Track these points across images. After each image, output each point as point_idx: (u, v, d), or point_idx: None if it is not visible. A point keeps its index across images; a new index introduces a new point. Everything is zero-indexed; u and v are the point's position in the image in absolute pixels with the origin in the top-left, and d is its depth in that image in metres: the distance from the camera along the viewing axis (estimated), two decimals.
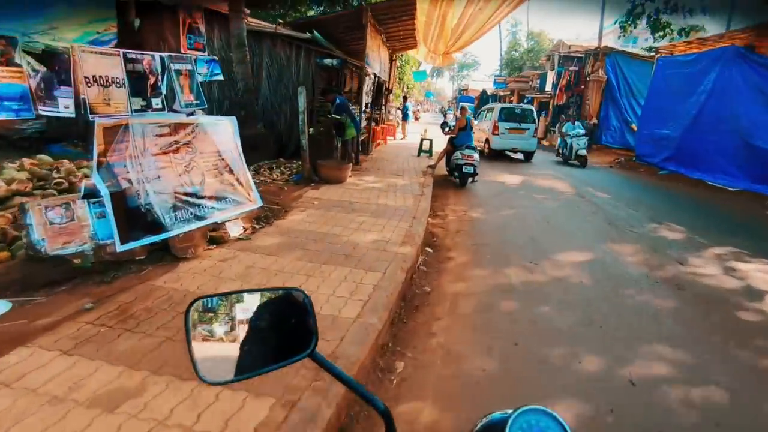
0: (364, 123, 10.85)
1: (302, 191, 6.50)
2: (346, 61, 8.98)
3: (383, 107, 16.25)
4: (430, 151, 11.96)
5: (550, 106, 23.29)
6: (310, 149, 7.28)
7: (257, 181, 6.89)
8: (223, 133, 4.38)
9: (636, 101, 17.41)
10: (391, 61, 16.06)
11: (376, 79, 12.22)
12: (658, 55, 15.01)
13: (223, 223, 4.12)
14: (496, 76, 34.73)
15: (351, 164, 7.91)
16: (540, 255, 4.94)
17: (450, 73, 75.93)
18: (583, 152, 12.82)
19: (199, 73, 4.19)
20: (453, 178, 9.20)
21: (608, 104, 17.82)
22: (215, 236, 3.96)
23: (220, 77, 4.47)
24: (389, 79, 16.51)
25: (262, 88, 8.92)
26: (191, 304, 0.76)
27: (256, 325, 0.76)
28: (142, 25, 7.04)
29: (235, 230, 4.18)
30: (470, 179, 8.87)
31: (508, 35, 46.06)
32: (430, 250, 4.96)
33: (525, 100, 28.41)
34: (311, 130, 7.33)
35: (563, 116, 21.32)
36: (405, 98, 18.33)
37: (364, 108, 16.24)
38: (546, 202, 7.96)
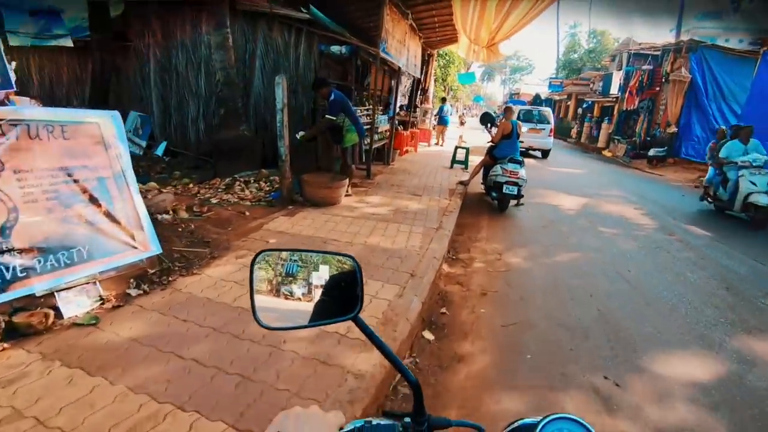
0: (383, 127, 8.96)
1: (268, 219, 4.71)
2: (358, 49, 7.15)
3: (414, 109, 14.29)
4: (465, 162, 9.85)
5: (615, 111, 20.24)
6: (299, 160, 5.51)
7: (220, 200, 5.19)
8: (80, 138, 2.64)
9: (728, 106, 14.26)
10: (427, 57, 14.08)
11: (399, 73, 10.31)
12: (765, 48, 11.95)
13: (52, 293, 2.37)
14: (551, 78, 31.66)
15: (348, 180, 6.05)
16: (622, 359, 2.82)
17: (501, 76, 72.52)
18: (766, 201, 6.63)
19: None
20: (490, 199, 7.07)
21: (691, 109, 14.77)
22: (20, 323, 2.20)
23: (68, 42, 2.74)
24: (424, 77, 14.53)
25: (255, 80, 7.27)
26: (257, 255, 0.81)
27: (310, 282, 0.83)
28: None
29: (73, 307, 2.41)
30: (513, 202, 6.72)
31: (566, 37, 42.53)
32: (429, 337, 2.98)
33: (584, 105, 25.31)
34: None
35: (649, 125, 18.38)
36: (443, 100, 16.25)
37: (397, 110, 14.34)
38: (619, 241, 5.65)
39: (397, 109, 15.02)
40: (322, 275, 0.83)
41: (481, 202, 7.45)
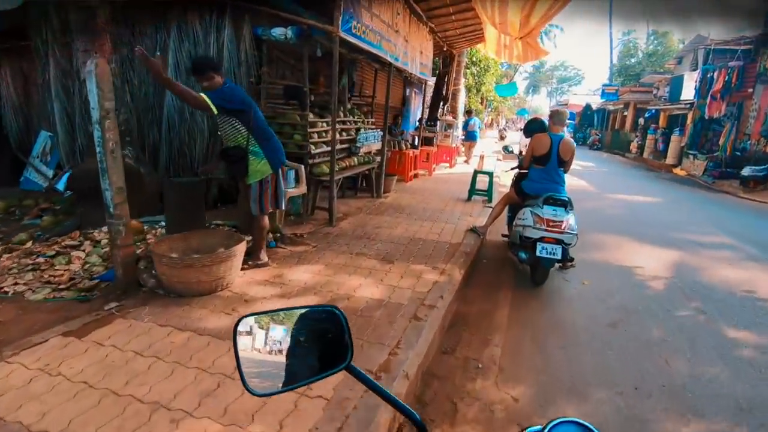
0: (366, 147, 6.42)
1: (17, 347, 2.25)
2: (310, 32, 4.69)
3: (433, 123, 11.66)
4: (489, 193, 7.07)
5: (689, 120, 16.55)
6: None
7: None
8: None
9: None
10: (448, 59, 11.48)
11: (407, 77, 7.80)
12: None
13: None
14: (605, 86, 27.92)
15: (257, 242, 3.54)
16: None
17: (547, 88, 68.33)
18: None
19: None
20: (517, 261, 4.29)
21: None
22: None
23: None
24: (446, 84, 11.91)
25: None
26: (239, 321, 0.78)
27: (296, 340, 0.81)
28: None
29: None
30: (556, 266, 3.98)
31: (619, 44, 38.34)
32: None
33: (646, 115, 21.52)
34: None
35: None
36: (468, 112, 13.50)
37: (416, 124, 11.78)
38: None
39: (416, 123, 12.57)
40: (307, 330, 0.82)
41: (502, 262, 4.67)
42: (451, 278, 3.62)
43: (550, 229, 3.82)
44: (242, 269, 3.45)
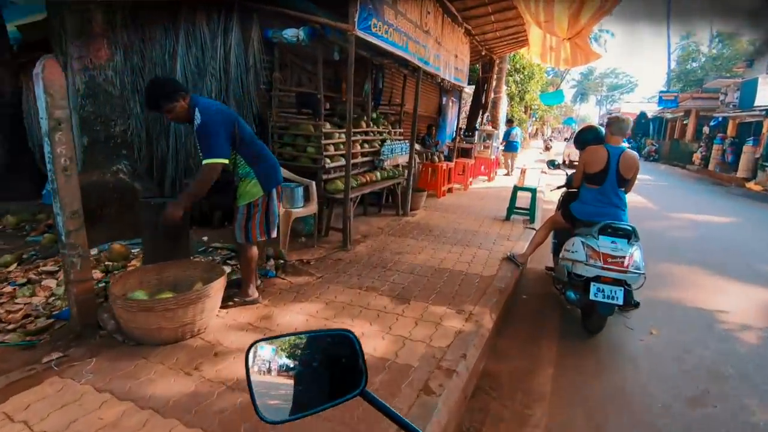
0: (391, 160, 5.79)
1: None
2: (323, 33, 4.16)
3: (470, 133, 10.89)
4: (531, 213, 6.22)
5: (765, 129, 14.71)
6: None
7: None
8: None
9: None
10: (487, 65, 10.71)
11: (441, 83, 7.15)
12: None
13: None
14: (662, 92, 25.83)
15: (248, 274, 2.99)
16: None
17: (596, 96, 65.13)
18: None
19: None
20: (565, 300, 3.47)
21: None
22: None
23: None
24: (485, 92, 11.12)
25: None
26: (251, 346, 0.77)
27: (309, 366, 0.80)
28: None
29: None
30: (616, 309, 3.14)
31: (676, 49, 35.62)
32: None
33: (711, 123, 19.51)
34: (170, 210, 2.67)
35: None
36: (509, 122, 12.56)
37: (453, 135, 11.06)
38: None
39: (452, 133, 11.83)
40: (320, 355, 0.81)
41: (545, 300, 3.86)
42: (480, 326, 2.88)
43: (608, 266, 3.00)
44: (226, 307, 2.90)
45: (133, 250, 3.62)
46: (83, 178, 3.92)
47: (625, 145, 3.60)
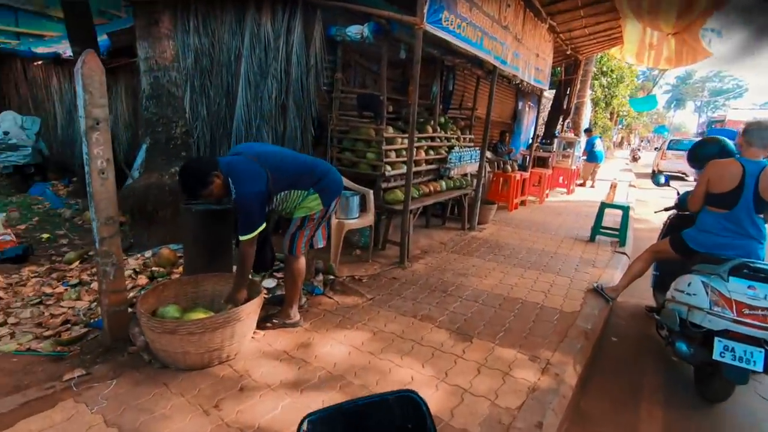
0: (459, 168, 5.28)
1: None
2: (389, 28, 3.80)
3: (549, 141, 9.97)
4: (622, 234, 5.32)
5: None
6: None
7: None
8: None
9: None
10: (571, 66, 9.74)
11: (517, 83, 6.51)
12: None
13: None
14: None
15: (291, 294, 2.68)
16: None
17: (695, 102, 58.45)
18: None
19: None
20: (671, 351, 2.73)
21: None
22: None
23: None
24: (568, 95, 10.14)
25: (240, 92, 4.57)
26: (302, 422, 0.69)
27: None
28: None
29: None
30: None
31: None
32: None
33: None
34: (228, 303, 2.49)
35: None
36: (588, 131, 11.28)
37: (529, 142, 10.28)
38: None
39: (528, 140, 10.92)
40: (383, 423, 0.73)
41: (643, 346, 3.12)
42: (560, 382, 2.29)
43: (743, 318, 2.27)
44: (264, 328, 2.61)
45: (181, 256, 3.50)
46: (143, 179, 3.93)
47: (762, 158, 2.78)
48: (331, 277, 3.49)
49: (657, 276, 3.40)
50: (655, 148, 28.28)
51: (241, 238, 2.29)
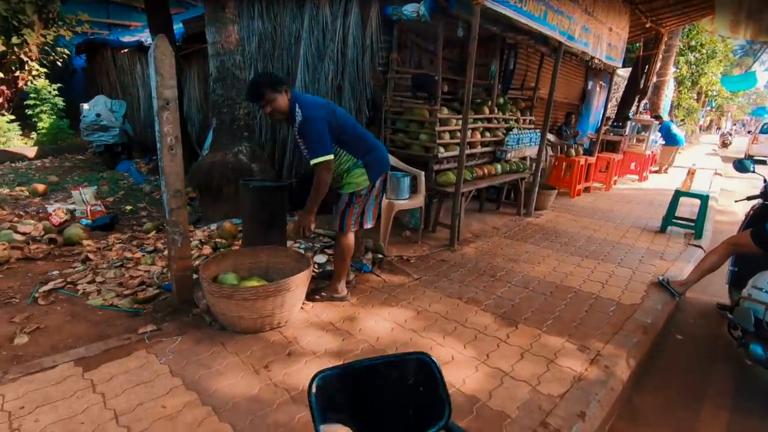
0: (517, 150, 5.09)
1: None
2: (445, 5, 3.70)
3: (621, 124, 9.23)
4: (698, 226, 4.85)
5: None
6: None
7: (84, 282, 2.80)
8: None
9: None
10: (651, 41, 8.88)
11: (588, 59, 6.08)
12: None
13: None
14: None
15: (340, 266, 2.77)
16: None
17: None
18: None
19: None
20: (746, 354, 2.49)
21: None
22: None
23: None
24: (645, 74, 9.30)
25: (298, 74, 4.73)
26: (313, 379, 0.68)
27: (382, 397, 0.73)
28: None
29: None
30: None
31: None
32: None
33: None
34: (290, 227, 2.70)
35: None
36: (658, 117, 10.15)
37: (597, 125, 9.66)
38: None
39: (597, 123, 10.15)
40: (394, 384, 0.73)
41: (711, 346, 2.87)
42: (610, 374, 2.19)
43: None
44: (313, 300, 2.75)
45: (241, 230, 3.75)
46: (209, 157, 4.22)
47: None
48: (380, 256, 3.56)
49: (734, 272, 3.09)
50: (748, 132, 25.14)
51: (314, 161, 2.38)
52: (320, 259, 3.36)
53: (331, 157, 2.43)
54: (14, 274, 2.98)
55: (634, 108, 10.10)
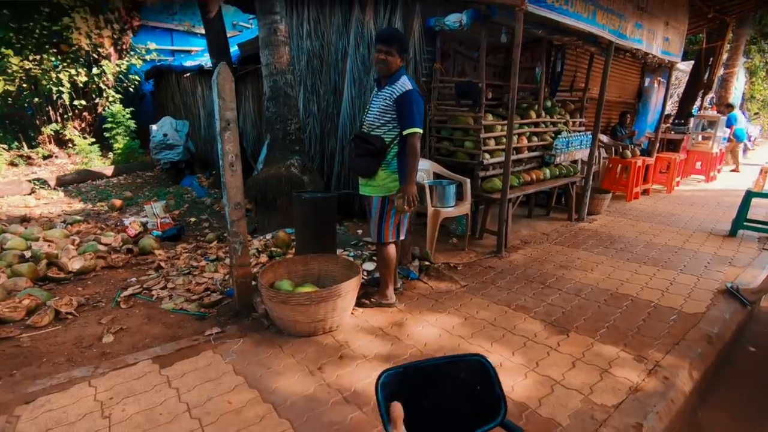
0: (567, 153, 4.96)
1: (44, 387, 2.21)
2: (488, 14, 3.72)
3: (683, 121, 8.68)
4: None
5: None
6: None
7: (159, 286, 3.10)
8: None
9: None
10: (716, 31, 8.30)
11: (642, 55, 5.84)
12: None
13: None
14: None
15: (387, 270, 2.85)
16: None
17: None
18: None
19: None
20: None
21: None
22: None
23: None
24: (711, 66, 8.69)
25: (345, 89, 4.94)
26: (380, 377, 0.74)
27: (441, 395, 0.77)
28: None
29: None
30: None
31: None
32: None
33: None
34: (398, 201, 2.67)
35: None
36: (729, 106, 9.37)
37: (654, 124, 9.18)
38: None
39: (655, 121, 9.56)
40: (452, 384, 0.78)
41: None
42: (670, 386, 2.10)
43: None
44: (362, 305, 2.86)
45: (294, 239, 3.95)
46: (264, 171, 4.49)
47: None
48: (427, 263, 3.62)
49: None
50: None
51: (409, 130, 2.51)
52: (369, 266, 3.47)
53: (421, 131, 2.56)
54: (100, 281, 3.35)
55: (697, 103, 9.44)
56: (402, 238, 2.85)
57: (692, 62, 9.19)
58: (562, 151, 4.90)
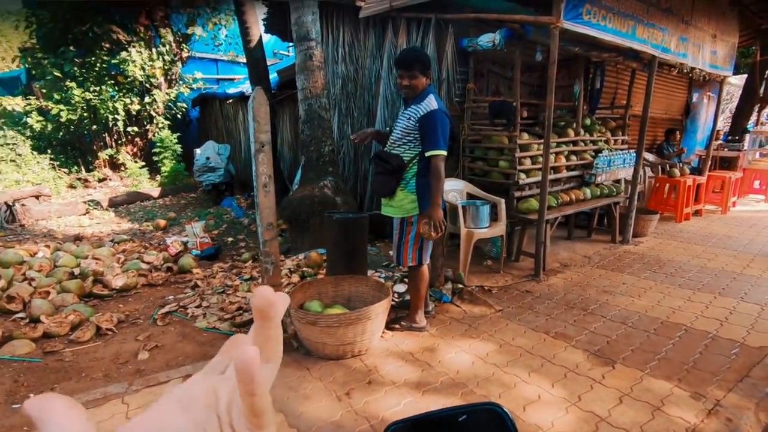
0: (608, 173, 4.74)
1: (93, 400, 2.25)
2: (521, 33, 3.67)
3: (737, 137, 8.15)
4: None
5: None
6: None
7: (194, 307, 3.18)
8: None
9: None
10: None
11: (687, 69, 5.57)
12: None
13: None
14: None
15: (419, 292, 2.78)
16: None
17: None
18: None
19: None
20: None
21: None
22: None
23: None
24: (764, 78, 8.17)
25: (378, 111, 5.00)
26: (386, 430, 0.67)
27: None
28: None
29: None
30: None
31: None
32: None
33: None
34: (425, 228, 2.66)
35: None
36: None
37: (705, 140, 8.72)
38: None
39: (706, 139, 9.01)
40: None
41: None
42: (735, 429, 1.88)
43: None
44: (392, 329, 2.79)
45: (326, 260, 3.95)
46: (299, 192, 4.57)
47: None
48: (460, 286, 3.51)
49: None
50: None
51: (432, 152, 2.46)
52: (400, 288, 3.41)
53: (445, 153, 2.50)
54: (140, 298, 3.47)
55: (753, 119, 8.86)
56: (426, 262, 2.77)
57: (745, 76, 8.69)
58: (604, 170, 4.69)
